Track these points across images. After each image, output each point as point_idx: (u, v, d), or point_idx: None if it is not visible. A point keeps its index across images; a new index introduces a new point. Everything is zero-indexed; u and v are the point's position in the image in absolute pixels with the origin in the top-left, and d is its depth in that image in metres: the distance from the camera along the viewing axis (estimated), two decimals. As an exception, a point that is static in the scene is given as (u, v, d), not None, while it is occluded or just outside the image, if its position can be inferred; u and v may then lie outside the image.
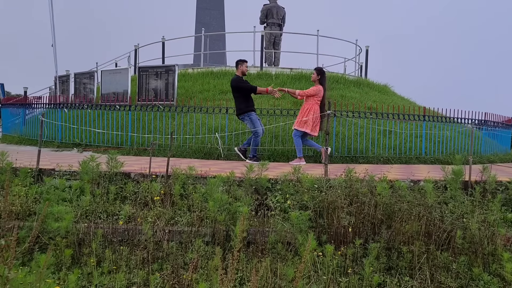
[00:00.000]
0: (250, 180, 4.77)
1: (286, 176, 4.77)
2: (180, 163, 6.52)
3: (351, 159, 8.07)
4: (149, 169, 4.94)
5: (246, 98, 7.46)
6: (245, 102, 7.44)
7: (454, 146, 8.98)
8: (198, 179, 4.99)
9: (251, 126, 7.40)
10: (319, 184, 4.68)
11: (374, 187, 4.47)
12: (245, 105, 7.42)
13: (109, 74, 10.71)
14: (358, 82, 12.01)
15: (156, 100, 9.80)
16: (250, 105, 7.49)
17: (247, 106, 7.43)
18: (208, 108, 8.43)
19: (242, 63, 7.63)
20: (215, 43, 19.13)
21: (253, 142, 7.38)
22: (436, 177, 5.32)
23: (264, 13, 13.16)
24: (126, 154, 8.39)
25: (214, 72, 11.76)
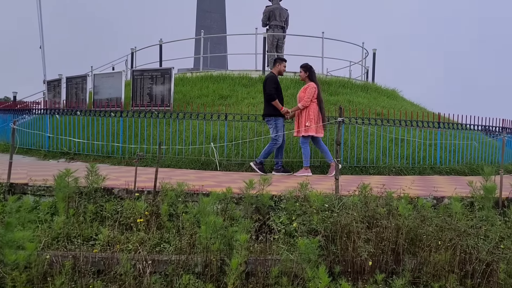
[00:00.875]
0: (250, 197, 4.13)
1: (292, 193, 4.13)
2: (172, 176, 5.90)
3: (361, 169, 7.43)
4: (134, 185, 4.31)
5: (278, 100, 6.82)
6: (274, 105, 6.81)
7: (470, 155, 8.33)
8: (191, 195, 4.36)
9: (273, 132, 6.77)
10: (330, 202, 4.04)
11: (395, 208, 3.83)
12: (275, 108, 6.76)
13: (102, 78, 10.13)
14: (365, 86, 11.39)
15: (151, 105, 9.20)
16: (279, 110, 6.82)
17: (276, 110, 6.77)
18: (205, 114, 7.81)
19: (280, 62, 6.99)
20: (216, 47, 18.55)
21: (268, 147, 6.77)
22: (461, 193, 4.68)
23: (267, 15, 12.57)
24: (117, 164, 7.78)
25: (213, 76, 11.17)
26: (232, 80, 10.76)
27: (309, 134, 6.61)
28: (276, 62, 7.02)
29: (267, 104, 6.83)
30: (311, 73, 6.83)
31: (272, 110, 6.76)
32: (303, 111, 6.72)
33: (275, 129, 6.74)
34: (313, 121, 6.59)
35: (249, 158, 7.46)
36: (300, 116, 6.78)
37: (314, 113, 6.63)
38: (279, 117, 6.79)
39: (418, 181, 6.21)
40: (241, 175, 6.44)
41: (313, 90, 6.66)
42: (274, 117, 6.77)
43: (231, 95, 9.92)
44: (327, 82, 10.83)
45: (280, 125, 6.77)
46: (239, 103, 9.38)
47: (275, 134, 6.71)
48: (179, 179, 5.52)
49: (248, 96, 9.79)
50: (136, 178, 4.35)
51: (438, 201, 4.43)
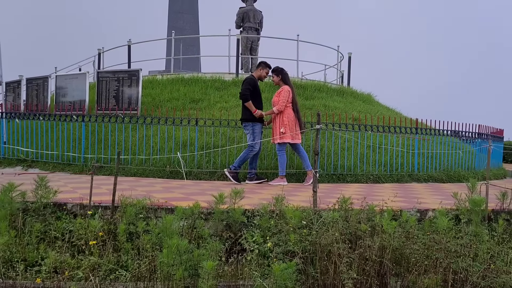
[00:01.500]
0: (220, 213, 3.73)
1: (266, 208, 3.75)
2: (137, 186, 5.43)
3: (338, 177, 7.13)
4: (89, 199, 3.83)
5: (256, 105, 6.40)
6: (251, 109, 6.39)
7: (447, 162, 8.18)
8: (154, 210, 3.92)
9: (250, 137, 6.36)
10: (308, 218, 3.68)
11: (378, 224, 3.51)
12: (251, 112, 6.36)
13: (65, 80, 9.52)
14: (341, 90, 11.16)
15: (117, 109, 8.67)
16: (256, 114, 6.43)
17: (253, 115, 6.36)
18: (175, 119, 7.35)
19: (263, 67, 6.59)
20: (189, 49, 18.05)
21: (243, 154, 6.35)
22: (444, 204, 4.42)
23: (240, 16, 12.20)
24: (79, 172, 7.22)
25: (185, 78, 10.70)
26: (204, 83, 10.32)
27: (284, 141, 6.27)
28: (260, 65, 6.65)
29: (244, 108, 6.43)
30: (284, 75, 6.50)
31: (249, 115, 6.37)
32: (277, 117, 6.37)
33: (252, 135, 6.36)
34: (288, 127, 6.25)
35: (221, 166, 7.04)
36: (275, 122, 6.44)
37: (289, 118, 6.29)
38: (257, 122, 6.41)
39: (398, 190, 5.95)
40: (212, 185, 6.02)
41: (287, 93, 6.32)
42: (252, 123, 6.38)
43: (203, 98, 9.49)
44: (303, 86, 10.54)
45: (258, 131, 6.39)
46: (211, 107, 8.96)
47: (251, 140, 6.33)
48: (144, 190, 5.07)
49: (221, 100, 9.38)
50: (91, 191, 3.87)
51: (422, 214, 4.15)
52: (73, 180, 6.00)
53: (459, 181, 7.93)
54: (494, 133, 9.94)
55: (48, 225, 3.69)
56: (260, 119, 6.45)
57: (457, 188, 6.37)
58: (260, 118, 6.43)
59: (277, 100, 6.36)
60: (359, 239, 3.42)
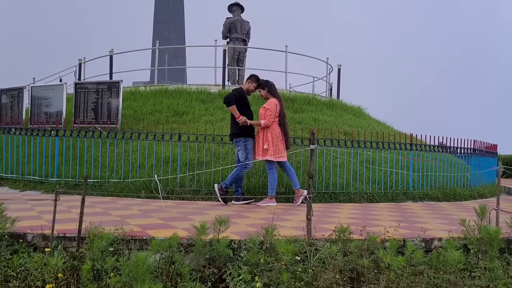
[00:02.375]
0: (202, 246, 3.27)
1: (255, 240, 3.30)
2: (112, 209, 4.93)
3: (330, 196, 6.72)
4: (52, 230, 3.34)
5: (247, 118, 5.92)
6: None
7: (443, 179, 7.85)
8: (126, 242, 3.44)
9: (242, 155, 5.87)
10: (302, 250, 3.25)
11: (381, 259, 3.09)
12: (244, 127, 5.87)
13: (41, 91, 8.99)
14: (330, 103, 10.83)
15: (96, 122, 8.17)
16: (249, 129, 5.96)
17: (245, 129, 5.89)
18: (156, 133, 6.87)
19: (253, 81, 6.16)
20: (174, 59, 17.65)
21: (236, 172, 5.87)
22: (446, 229, 4.03)
23: (227, 27, 11.84)
24: (51, 191, 6.67)
25: (169, 90, 10.24)
26: (189, 95, 9.88)
27: (267, 158, 5.82)
28: (250, 78, 6.23)
29: (234, 123, 5.94)
30: (270, 87, 6.09)
31: (241, 129, 5.89)
32: (261, 131, 5.92)
33: (245, 152, 5.88)
34: (271, 144, 5.81)
35: (206, 184, 6.58)
36: (258, 137, 5.97)
37: (273, 134, 5.84)
38: (249, 138, 5.94)
39: (395, 211, 5.56)
40: (195, 206, 5.55)
41: (273, 106, 5.89)
42: (244, 138, 5.89)
43: (187, 111, 9.04)
44: (291, 99, 10.17)
45: (250, 147, 5.93)
46: (196, 121, 8.51)
47: (244, 157, 5.86)
48: (119, 214, 4.58)
49: (206, 113, 8.94)
50: (54, 221, 3.37)
51: (427, 244, 3.74)
52: (42, 202, 5.46)
53: (455, 199, 7.60)
54: (488, 148, 9.68)
55: (3, 261, 3.18)
56: (252, 134, 6.02)
57: (457, 210, 6.02)
58: (251, 133, 6.00)
59: (263, 113, 5.93)
60: (361, 277, 3.00)
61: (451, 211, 5.79)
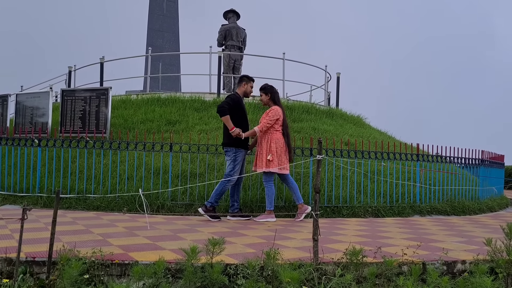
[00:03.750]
0: (192, 273, 2.80)
1: (254, 265, 2.84)
2: (94, 226, 4.45)
3: (333, 210, 6.27)
4: (18, 253, 2.86)
5: (241, 126, 5.45)
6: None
7: (451, 192, 7.42)
8: (105, 267, 2.96)
9: (230, 166, 5.40)
10: (309, 277, 2.79)
11: (401, 287, 2.64)
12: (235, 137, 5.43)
13: (27, 99, 8.53)
14: (330, 112, 10.43)
15: (83, 131, 7.70)
16: (243, 139, 5.48)
17: (238, 139, 5.41)
18: (146, 143, 6.41)
19: (247, 81, 5.68)
20: (169, 68, 17.20)
21: (219, 186, 5.38)
22: (470, 250, 3.60)
23: (223, 34, 11.49)
24: (33, 204, 6.17)
25: (161, 98, 9.81)
26: (182, 103, 9.45)
27: (271, 170, 5.37)
28: (242, 80, 5.72)
29: (226, 130, 5.48)
30: (274, 94, 5.64)
31: (233, 139, 5.42)
32: (264, 141, 5.47)
33: (233, 163, 5.43)
34: (276, 155, 5.38)
35: (199, 197, 6.11)
36: (261, 147, 5.53)
37: (277, 144, 5.42)
38: (241, 148, 5.48)
39: (405, 227, 5.11)
40: (187, 222, 5.08)
41: (276, 110, 5.46)
42: (235, 148, 5.44)
43: (180, 120, 8.60)
44: (289, 108, 9.76)
45: (240, 159, 5.46)
46: (189, 130, 8.07)
47: (231, 168, 5.42)
48: (101, 233, 4.10)
49: (200, 122, 8.51)
50: (20, 242, 2.90)
51: (449, 267, 3.29)
52: (16, 219, 4.97)
53: (464, 213, 7.17)
54: (495, 158, 9.29)
55: (-44, 291, 2.71)
56: (245, 145, 5.57)
57: (470, 225, 5.58)
58: (244, 144, 5.55)
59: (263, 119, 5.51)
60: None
61: (465, 227, 5.35)
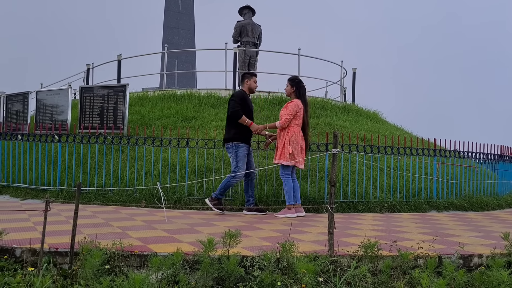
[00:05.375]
0: (209, 264, 2.86)
1: (270, 257, 2.89)
2: (113, 220, 4.56)
3: (348, 206, 6.27)
4: (41, 244, 2.96)
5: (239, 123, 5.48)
6: (236, 128, 5.46)
7: (469, 187, 7.34)
8: (125, 258, 3.05)
9: (233, 162, 5.44)
10: (324, 269, 2.82)
11: (418, 281, 2.65)
12: (236, 131, 5.44)
13: (47, 96, 8.72)
14: (346, 108, 10.40)
15: (101, 128, 7.85)
16: (242, 133, 5.47)
17: (237, 133, 5.43)
18: (163, 139, 6.51)
19: (250, 77, 5.69)
20: (185, 65, 17.37)
21: (225, 181, 5.43)
22: (487, 244, 3.58)
23: (238, 30, 11.52)
24: (54, 198, 6.33)
25: (178, 95, 9.92)
26: (198, 99, 9.54)
27: (284, 163, 5.34)
28: (245, 77, 5.73)
29: (228, 126, 5.53)
30: (299, 88, 5.55)
31: (233, 134, 5.45)
32: (283, 134, 5.46)
33: (235, 159, 5.42)
34: (298, 148, 5.38)
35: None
36: (279, 140, 5.44)
37: (297, 137, 5.39)
38: (242, 143, 5.45)
39: (421, 222, 5.09)
40: (204, 216, 5.15)
41: (295, 104, 5.39)
42: (235, 143, 5.43)
43: (196, 116, 8.69)
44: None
45: (242, 154, 5.42)
46: (205, 126, 8.15)
47: (234, 166, 5.42)
48: (120, 226, 4.20)
49: (216, 118, 8.58)
50: (44, 234, 3.00)
51: (465, 261, 3.29)
52: (38, 213, 5.12)
53: (482, 209, 7.09)
54: (514, 154, 9.13)
55: (-16, 280, 2.82)
56: (246, 139, 5.55)
57: (488, 220, 5.53)
58: (246, 139, 5.52)
59: (283, 113, 5.50)
60: (395, 303, 2.57)
61: (483, 222, 5.31)
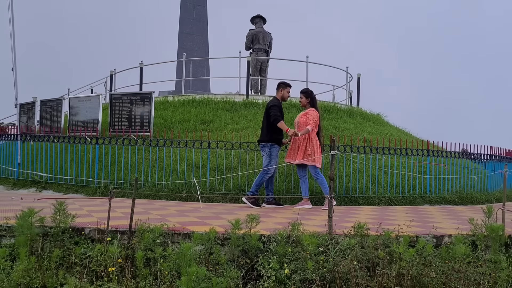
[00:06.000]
0: (236, 239, 3.75)
1: (282, 234, 3.76)
2: (151, 209, 5.47)
3: (350, 200, 7.12)
4: (107, 225, 3.88)
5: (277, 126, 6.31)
6: (272, 131, 6.31)
7: (460, 184, 8.14)
8: (170, 235, 3.94)
9: (266, 160, 6.31)
10: (324, 244, 3.69)
11: (395, 251, 3.50)
12: (272, 134, 6.31)
13: (79, 102, 9.68)
14: (350, 111, 11.21)
15: (129, 131, 8.78)
16: (278, 135, 6.37)
17: (274, 134, 6.32)
18: (187, 141, 7.42)
19: (284, 87, 6.53)
20: (199, 70, 18.31)
21: (259, 178, 6.31)
22: (460, 229, 4.40)
23: (250, 38, 12.42)
24: (92, 194, 7.29)
25: (196, 100, 10.83)
26: (215, 104, 10.44)
27: (316, 165, 6.28)
28: (280, 87, 6.57)
29: (267, 130, 6.36)
30: (312, 99, 6.50)
31: (269, 136, 6.32)
32: (307, 138, 6.32)
33: (269, 157, 6.30)
34: (318, 151, 6.29)
35: (233, 188, 7.08)
36: (302, 144, 6.32)
37: (316, 142, 6.34)
38: (276, 144, 6.35)
39: (412, 213, 5.93)
40: (225, 207, 6.05)
41: (317, 117, 6.34)
42: (270, 144, 6.32)
43: (214, 120, 9.58)
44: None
45: (275, 153, 6.34)
46: (222, 129, 9.04)
47: (267, 163, 6.31)
48: (158, 214, 5.11)
49: (231, 122, 9.47)
50: (109, 217, 3.92)
51: (438, 240, 4.13)
52: (87, 203, 6.06)
53: (471, 203, 7.88)
54: (508, 153, 9.89)
55: (67, 250, 3.73)
56: (279, 141, 6.41)
57: (471, 212, 6.34)
58: (279, 141, 6.39)
59: (303, 120, 6.34)
60: (376, 266, 3.42)
61: (465, 213, 6.12)
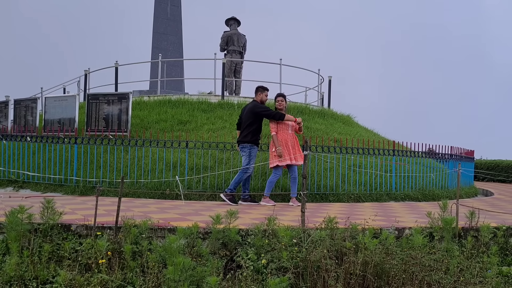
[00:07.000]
0: (217, 232, 4.05)
1: (259, 227, 4.10)
2: (132, 207, 5.70)
3: (321, 197, 7.53)
4: (94, 221, 4.10)
5: (259, 129, 6.78)
6: (255, 133, 6.70)
7: (423, 182, 8.70)
8: (155, 231, 4.21)
9: (245, 160, 6.64)
10: (298, 237, 4.04)
11: (361, 241, 3.89)
12: (252, 135, 6.67)
13: (54, 101, 9.71)
14: (322, 112, 11.67)
15: (107, 130, 8.91)
16: (256, 138, 6.77)
17: (253, 137, 6.69)
18: (166, 141, 7.65)
19: (262, 91, 6.90)
20: (173, 69, 18.41)
21: (237, 177, 6.60)
22: (420, 222, 4.85)
23: (225, 40, 12.70)
24: (71, 193, 7.42)
25: (172, 100, 11.03)
26: (191, 105, 10.67)
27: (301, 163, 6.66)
28: (258, 91, 6.93)
29: (246, 131, 6.69)
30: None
31: (250, 137, 6.66)
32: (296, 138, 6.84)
33: (248, 157, 6.64)
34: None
35: (210, 186, 7.36)
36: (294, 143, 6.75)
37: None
38: (255, 146, 6.73)
39: (378, 209, 6.38)
40: (203, 205, 6.33)
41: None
42: (250, 145, 6.68)
43: (190, 120, 9.82)
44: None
45: (254, 154, 6.70)
46: (198, 129, 9.30)
47: (247, 162, 6.63)
48: (140, 211, 5.35)
49: (207, 122, 9.73)
50: (96, 214, 4.14)
51: (399, 232, 4.56)
52: (68, 201, 6.21)
53: (433, 200, 8.44)
54: (466, 153, 10.58)
55: (56, 245, 3.93)
56: (258, 143, 6.78)
57: (431, 207, 6.85)
58: (258, 142, 6.77)
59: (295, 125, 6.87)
60: (344, 256, 3.80)
61: (426, 208, 6.62)
